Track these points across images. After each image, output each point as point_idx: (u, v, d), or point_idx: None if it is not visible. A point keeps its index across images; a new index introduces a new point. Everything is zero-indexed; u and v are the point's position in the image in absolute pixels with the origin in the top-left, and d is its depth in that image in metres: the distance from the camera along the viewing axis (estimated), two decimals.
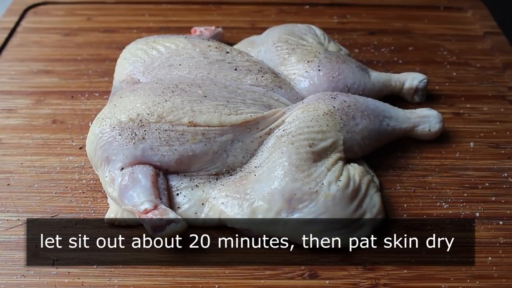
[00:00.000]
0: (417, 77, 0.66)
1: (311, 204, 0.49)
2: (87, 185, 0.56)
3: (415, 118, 0.60)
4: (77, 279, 0.47)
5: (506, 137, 0.62)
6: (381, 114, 0.57)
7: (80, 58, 0.75)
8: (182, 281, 0.47)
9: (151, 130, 0.53)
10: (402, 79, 0.66)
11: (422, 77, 0.66)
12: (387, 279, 0.47)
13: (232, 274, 0.48)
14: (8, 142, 0.61)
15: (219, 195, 0.51)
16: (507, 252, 0.50)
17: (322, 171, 0.50)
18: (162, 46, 0.63)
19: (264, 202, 0.49)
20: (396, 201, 0.54)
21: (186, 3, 0.87)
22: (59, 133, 0.62)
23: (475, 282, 0.47)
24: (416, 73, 0.67)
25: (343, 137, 0.54)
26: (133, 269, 0.48)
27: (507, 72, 0.71)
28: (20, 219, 0.52)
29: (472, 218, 0.53)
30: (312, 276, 0.48)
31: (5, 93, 0.69)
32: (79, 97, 0.68)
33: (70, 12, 0.85)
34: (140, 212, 0.48)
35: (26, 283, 0.47)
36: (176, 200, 0.52)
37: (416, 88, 0.66)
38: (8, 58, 0.75)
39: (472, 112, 0.66)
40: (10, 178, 0.57)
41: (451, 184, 0.56)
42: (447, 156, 0.60)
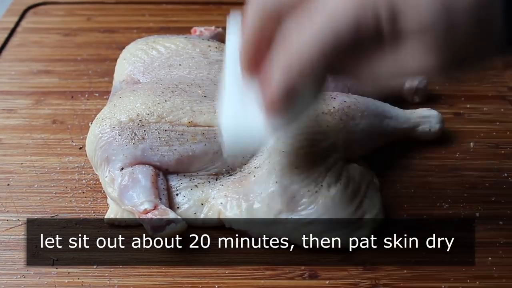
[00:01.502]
0: (417, 77, 0.66)
1: (310, 205, 0.49)
2: (87, 185, 0.56)
3: (415, 118, 0.60)
4: (77, 279, 0.47)
5: (506, 137, 0.62)
6: (381, 114, 0.57)
7: (80, 58, 0.75)
8: (182, 281, 0.47)
9: (151, 130, 0.53)
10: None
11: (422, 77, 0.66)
12: (387, 279, 0.47)
13: (232, 274, 0.48)
14: (8, 142, 0.61)
15: (218, 195, 0.51)
16: (507, 252, 0.50)
17: (321, 172, 0.50)
18: (162, 46, 0.63)
19: (263, 204, 0.49)
20: (396, 201, 0.54)
21: (186, 3, 0.87)
22: (59, 133, 0.62)
23: (475, 282, 0.47)
24: None
25: (342, 137, 0.54)
26: (133, 269, 0.48)
27: (507, 72, 0.71)
28: (20, 219, 0.52)
29: (472, 218, 0.52)
30: (312, 276, 0.48)
31: (5, 93, 0.69)
32: (79, 97, 0.68)
33: (70, 12, 0.85)
34: (140, 212, 0.48)
35: (26, 283, 0.47)
36: (175, 200, 0.52)
37: (416, 88, 0.66)
38: (8, 58, 0.75)
39: (472, 112, 0.66)
40: (10, 178, 0.57)
41: (451, 184, 0.56)
42: (447, 156, 0.60)
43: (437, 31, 0.32)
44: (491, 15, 0.32)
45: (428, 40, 0.32)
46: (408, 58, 0.33)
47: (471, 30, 0.32)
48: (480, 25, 0.32)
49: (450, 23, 0.32)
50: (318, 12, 0.33)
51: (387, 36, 0.33)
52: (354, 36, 0.33)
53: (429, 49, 0.33)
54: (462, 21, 0.32)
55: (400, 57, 0.34)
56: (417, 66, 0.33)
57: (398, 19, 0.32)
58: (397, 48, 0.33)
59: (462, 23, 0.32)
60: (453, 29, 0.32)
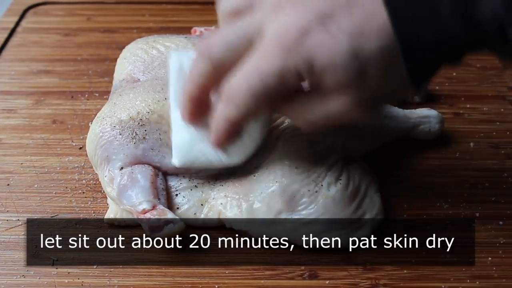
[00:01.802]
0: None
1: (310, 205, 0.49)
2: (87, 185, 0.56)
3: (415, 118, 0.60)
4: (77, 279, 0.47)
5: (506, 137, 0.62)
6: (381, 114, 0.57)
7: (80, 58, 0.75)
8: (182, 281, 0.47)
9: (151, 130, 0.53)
10: None
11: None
12: (387, 279, 0.47)
13: (232, 274, 0.48)
14: (8, 142, 0.61)
15: (218, 196, 0.51)
16: (507, 252, 0.50)
17: (321, 172, 0.50)
18: (162, 46, 0.63)
19: (263, 203, 0.49)
20: (396, 201, 0.54)
21: (186, 3, 0.87)
22: (59, 133, 0.62)
23: (475, 282, 0.47)
24: None
25: (342, 137, 0.54)
26: (133, 269, 0.48)
27: (507, 72, 0.71)
28: (20, 219, 0.52)
29: (472, 218, 0.53)
30: (312, 276, 0.48)
31: (5, 93, 0.69)
32: (79, 97, 0.68)
33: (70, 12, 0.85)
34: (138, 212, 0.48)
35: (26, 283, 0.47)
36: (175, 200, 0.52)
37: None
38: (8, 58, 0.75)
39: (472, 112, 0.66)
40: (10, 178, 0.57)
41: (451, 184, 0.56)
42: (447, 156, 0.60)
43: (353, 88, 0.37)
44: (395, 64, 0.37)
45: (347, 93, 0.38)
46: (332, 107, 0.39)
47: (382, 81, 0.37)
48: (388, 74, 0.37)
49: (364, 78, 0.37)
50: (249, 63, 0.39)
51: (311, 87, 0.39)
52: (280, 85, 0.38)
53: (349, 101, 0.38)
54: (374, 73, 0.37)
55: (326, 105, 0.39)
56: (339, 113, 0.39)
57: (318, 76, 0.37)
58: (323, 97, 0.39)
59: (375, 76, 0.37)
60: (367, 82, 0.37)
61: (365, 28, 0.36)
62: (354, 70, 0.36)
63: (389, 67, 0.37)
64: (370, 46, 0.36)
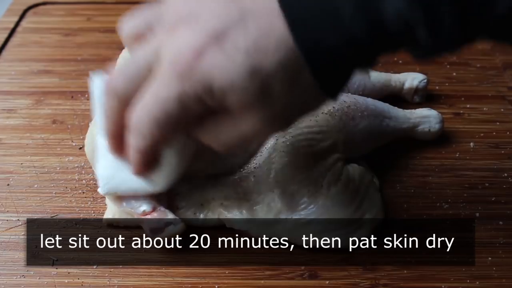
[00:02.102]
0: (417, 77, 0.66)
1: (310, 205, 0.49)
2: (87, 185, 0.56)
3: (415, 118, 0.60)
4: (77, 279, 0.47)
5: (506, 137, 0.62)
6: (381, 114, 0.57)
7: (80, 58, 0.75)
8: (182, 281, 0.47)
9: None
10: (402, 79, 0.66)
11: (422, 77, 0.66)
12: (387, 279, 0.47)
13: (232, 274, 0.48)
14: (8, 142, 0.61)
15: (218, 196, 0.51)
16: (507, 252, 0.50)
17: (321, 172, 0.50)
18: None
19: (263, 203, 0.49)
20: (396, 201, 0.54)
21: None
22: (59, 133, 0.62)
23: (475, 282, 0.47)
24: (416, 73, 0.67)
25: (342, 137, 0.54)
26: (133, 269, 0.48)
27: (507, 72, 0.71)
28: (20, 219, 0.52)
29: (472, 218, 0.53)
30: (312, 276, 0.48)
31: (5, 93, 0.69)
32: (79, 97, 0.68)
33: (70, 12, 0.85)
34: (138, 214, 0.48)
35: (26, 283, 0.47)
36: (175, 201, 0.52)
37: (416, 88, 0.66)
38: (8, 58, 0.75)
39: (472, 112, 0.66)
40: (10, 178, 0.57)
41: (451, 184, 0.56)
42: (447, 156, 0.60)
43: (260, 106, 0.35)
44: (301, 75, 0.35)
45: (255, 113, 0.36)
46: (244, 127, 0.37)
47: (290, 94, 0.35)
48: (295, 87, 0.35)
49: (269, 94, 0.35)
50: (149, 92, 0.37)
51: (218, 109, 0.36)
52: (182, 110, 0.36)
53: (259, 120, 0.36)
54: (280, 89, 0.34)
55: (237, 125, 0.37)
56: (253, 133, 0.37)
57: (220, 98, 0.35)
58: (233, 118, 0.37)
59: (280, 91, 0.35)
60: (273, 98, 0.35)
61: (262, 43, 0.33)
62: (256, 88, 0.34)
63: (294, 80, 0.35)
64: (270, 61, 0.34)
